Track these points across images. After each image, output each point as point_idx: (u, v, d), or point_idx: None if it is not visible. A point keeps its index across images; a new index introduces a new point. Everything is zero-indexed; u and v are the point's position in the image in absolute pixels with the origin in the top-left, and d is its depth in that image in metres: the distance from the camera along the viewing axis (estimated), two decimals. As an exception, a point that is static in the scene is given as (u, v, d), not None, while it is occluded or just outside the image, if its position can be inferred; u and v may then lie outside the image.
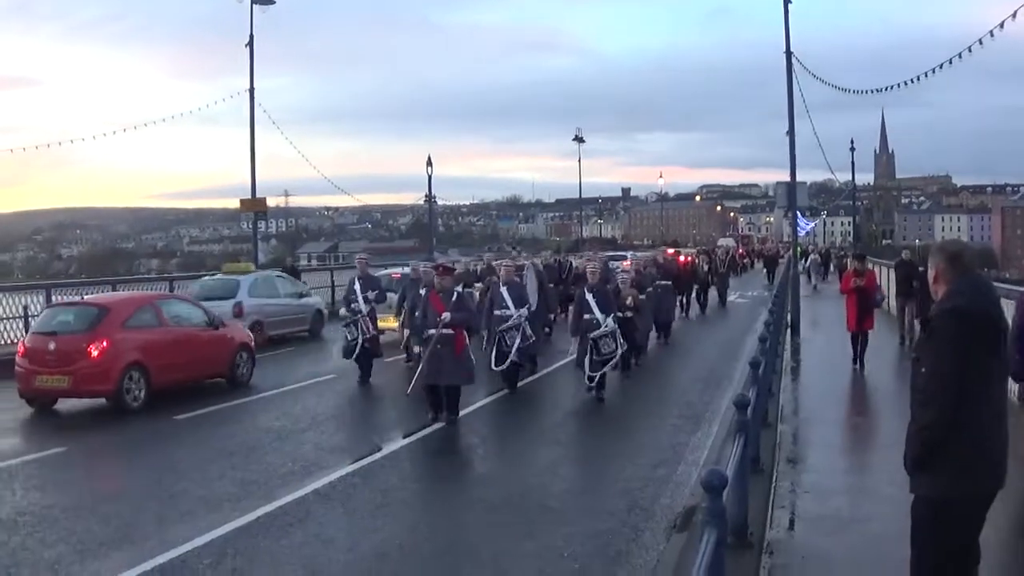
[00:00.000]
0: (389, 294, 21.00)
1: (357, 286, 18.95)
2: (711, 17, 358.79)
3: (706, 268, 35.40)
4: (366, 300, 18.69)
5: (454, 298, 14.29)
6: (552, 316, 24.51)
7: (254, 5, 33.06)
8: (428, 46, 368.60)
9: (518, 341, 16.42)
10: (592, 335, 15.56)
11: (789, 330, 22.97)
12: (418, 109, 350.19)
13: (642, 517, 9.30)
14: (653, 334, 23.03)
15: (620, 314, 16.97)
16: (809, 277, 46.70)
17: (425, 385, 14.08)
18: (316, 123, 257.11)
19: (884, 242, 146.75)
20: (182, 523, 9.13)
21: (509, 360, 16.34)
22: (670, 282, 25.92)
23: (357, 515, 9.75)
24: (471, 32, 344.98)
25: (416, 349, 14.97)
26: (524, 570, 8.05)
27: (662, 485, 10.47)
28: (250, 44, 33.40)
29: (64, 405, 15.74)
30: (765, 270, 56.32)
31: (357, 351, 18.15)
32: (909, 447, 5.02)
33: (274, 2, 33.16)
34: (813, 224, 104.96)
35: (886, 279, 26.42)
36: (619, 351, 15.86)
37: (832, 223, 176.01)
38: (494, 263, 23.81)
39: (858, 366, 17.50)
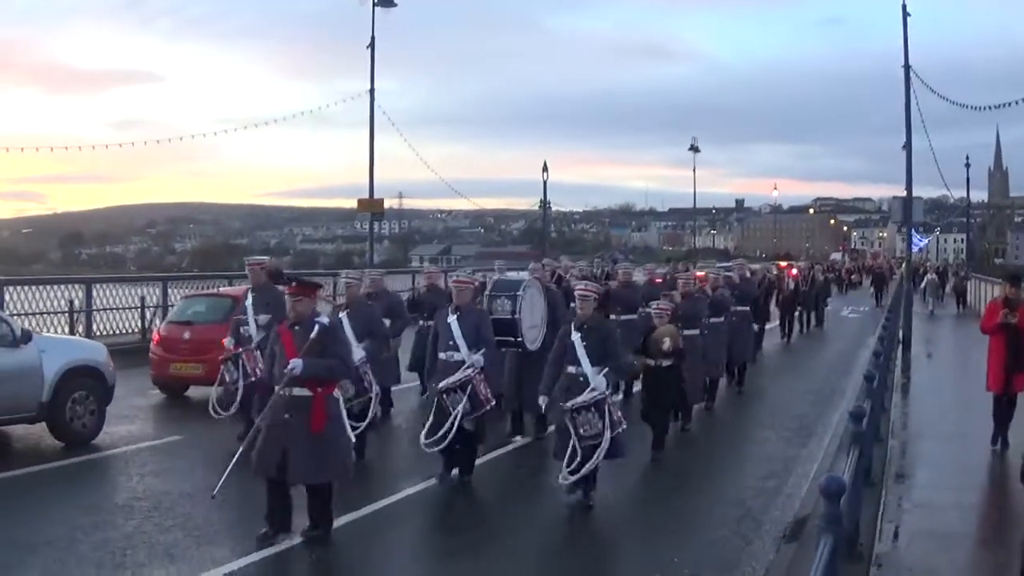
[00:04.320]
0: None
1: (249, 301, 12.82)
2: (824, 26, 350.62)
3: (792, 287, 30.48)
4: (260, 326, 12.46)
5: (314, 334, 8.42)
6: None
7: (376, 7, 33.60)
8: (539, 51, 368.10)
9: (462, 406, 10.44)
10: (567, 405, 9.85)
11: (901, 346, 22.69)
12: (529, 114, 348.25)
13: (752, 527, 9.39)
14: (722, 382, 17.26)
15: (652, 363, 12.50)
16: (924, 298, 41.29)
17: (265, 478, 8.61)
18: (428, 126, 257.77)
19: (997, 260, 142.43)
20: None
21: (446, 435, 10.44)
22: (748, 307, 19.05)
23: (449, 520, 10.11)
24: (583, 37, 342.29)
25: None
26: (634, 573, 8.29)
27: (772, 496, 10.55)
28: (371, 46, 33.90)
29: (194, 392, 16.08)
30: (873, 288, 49.64)
31: (236, 402, 12.32)
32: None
33: (396, 4, 33.61)
34: (927, 241, 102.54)
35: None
36: (607, 434, 9.64)
37: (944, 240, 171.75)
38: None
39: (999, 446, 12.00)
